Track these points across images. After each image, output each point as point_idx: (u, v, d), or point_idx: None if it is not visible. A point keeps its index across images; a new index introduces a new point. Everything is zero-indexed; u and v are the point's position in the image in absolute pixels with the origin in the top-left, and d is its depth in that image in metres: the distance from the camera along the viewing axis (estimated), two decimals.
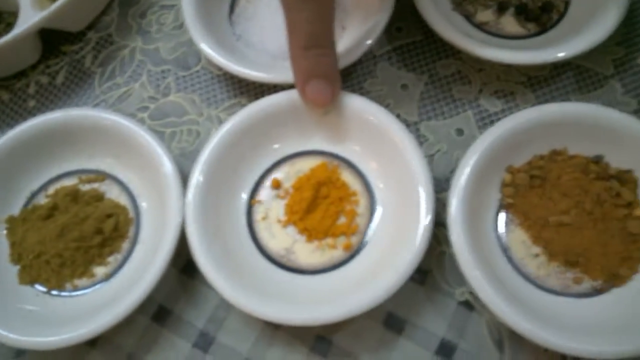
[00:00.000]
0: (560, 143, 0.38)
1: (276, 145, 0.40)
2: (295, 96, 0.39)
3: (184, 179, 0.38)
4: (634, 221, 0.36)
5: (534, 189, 0.37)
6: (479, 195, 0.36)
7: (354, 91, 0.43)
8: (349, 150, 0.40)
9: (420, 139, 0.41)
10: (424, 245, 0.34)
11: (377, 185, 0.39)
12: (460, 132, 0.41)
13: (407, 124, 0.42)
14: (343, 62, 0.40)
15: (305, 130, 0.40)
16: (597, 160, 0.37)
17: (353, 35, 0.42)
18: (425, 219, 0.34)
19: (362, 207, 0.38)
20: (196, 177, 0.37)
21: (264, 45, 0.43)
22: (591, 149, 0.37)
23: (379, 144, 0.38)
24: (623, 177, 0.37)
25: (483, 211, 0.37)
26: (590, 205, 0.36)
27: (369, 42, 0.41)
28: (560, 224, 0.36)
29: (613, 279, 0.35)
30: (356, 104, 0.38)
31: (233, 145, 0.38)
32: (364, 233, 0.38)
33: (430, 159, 0.41)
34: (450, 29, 0.40)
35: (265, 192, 0.39)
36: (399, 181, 0.37)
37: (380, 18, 0.41)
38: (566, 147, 0.38)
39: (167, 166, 0.38)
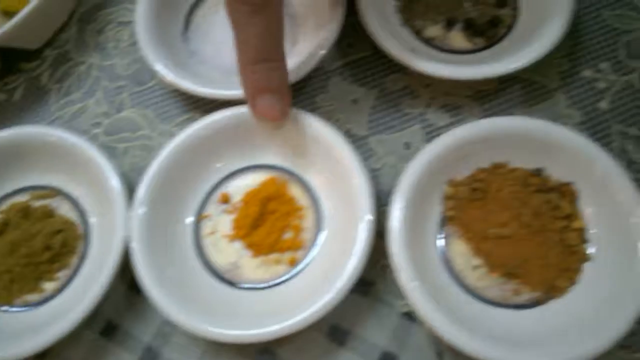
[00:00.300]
0: (501, 156, 0.38)
1: (225, 161, 0.41)
2: (245, 111, 0.39)
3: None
4: (572, 233, 0.36)
5: (474, 202, 0.37)
6: (421, 208, 0.37)
7: (305, 106, 0.44)
8: (298, 165, 0.40)
9: (369, 153, 0.42)
10: (364, 258, 0.34)
11: (324, 200, 0.39)
12: (408, 145, 0.42)
13: (357, 138, 0.42)
14: (294, 77, 0.41)
15: (255, 144, 0.41)
16: (538, 173, 0.38)
17: (304, 50, 0.43)
18: (364, 233, 0.35)
19: (308, 221, 0.39)
20: (141, 193, 0.38)
21: (217, 61, 0.44)
22: (532, 162, 0.38)
23: (324, 159, 0.39)
24: (562, 190, 0.37)
25: (425, 224, 0.38)
26: (528, 217, 0.36)
27: (322, 52, 0.41)
28: (499, 236, 0.36)
29: (551, 290, 0.35)
30: (303, 120, 0.39)
31: (181, 161, 0.39)
32: (310, 248, 0.38)
33: (378, 172, 0.41)
34: (396, 45, 0.41)
35: (213, 207, 0.40)
36: (343, 195, 0.38)
37: (330, 31, 0.42)
38: (508, 160, 0.38)
39: (113, 181, 0.38)
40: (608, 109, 0.41)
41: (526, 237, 0.36)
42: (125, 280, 0.39)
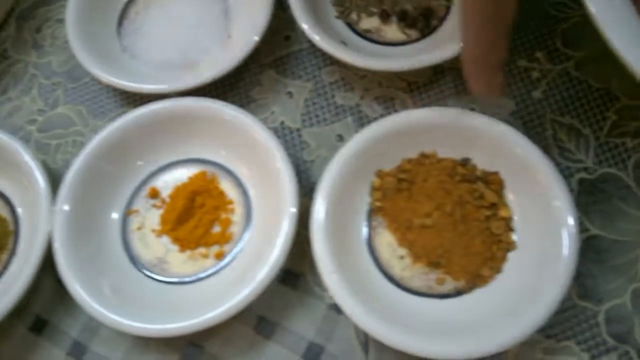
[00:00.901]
0: (429, 146, 0.38)
1: (154, 155, 0.41)
2: (176, 104, 0.39)
3: None
4: (498, 222, 0.36)
5: (401, 193, 0.37)
6: (348, 200, 0.37)
7: (240, 99, 0.44)
8: (228, 159, 0.40)
9: (302, 145, 0.42)
10: (286, 250, 0.35)
11: (253, 193, 0.39)
12: (340, 138, 0.42)
13: (290, 131, 0.42)
14: (228, 68, 0.41)
15: (186, 138, 0.41)
16: (465, 162, 0.38)
17: (237, 42, 0.43)
18: (287, 225, 0.35)
19: (237, 215, 0.39)
20: (64, 190, 0.38)
21: (149, 57, 0.44)
22: (459, 152, 0.38)
23: (252, 153, 0.39)
24: (488, 179, 0.37)
25: (352, 215, 0.37)
26: (451, 207, 0.36)
27: (255, 38, 0.41)
28: (423, 226, 0.36)
29: (475, 280, 0.35)
30: (232, 113, 0.39)
31: (106, 156, 0.39)
32: (237, 241, 0.38)
33: (310, 164, 0.41)
34: (325, 38, 0.41)
35: (142, 202, 0.40)
36: (270, 188, 0.38)
37: (260, 19, 0.42)
38: (435, 150, 0.38)
39: (38, 178, 0.38)
40: (542, 98, 0.41)
41: (449, 226, 0.36)
42: (54, 275, 0.39)
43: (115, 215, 0.39)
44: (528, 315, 0.32)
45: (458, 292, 0.35)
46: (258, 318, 0.37)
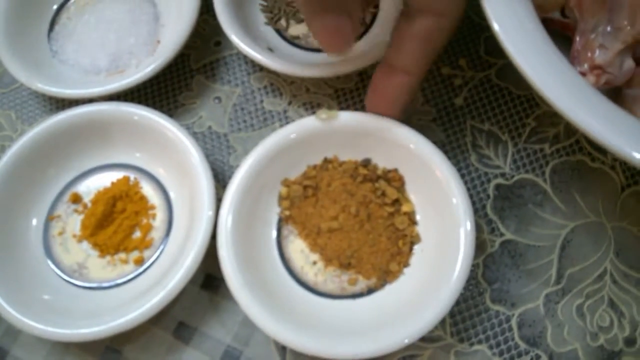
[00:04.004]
0: (331, 151, 0.38)
1: (74, 160, 0.41)
2: (85, 110, 0.39)
3: None
4: (400, 217, 0.37)
5: (308, 199, 0.38)
6: (256, 212, 0.37)
7: (168, 104, 0.44)
8: (150, 164, 0.41)
9: (229, 150, 0.42)
10: (200, 254, 0.35)
11: (174, 198, 0.40)
12: None
13: (218, 136, 0.43)
14: (152, 72, 0.41)
15: (109, 143, 0.41)
16: (366, 163, 0.38)
17: (166, 47, 0.43)
18: (203, 229, 0.35)
19: (158, 220, 0.39)
20: None
21: (78, 61, 0.44)
22: (360, 154, 0.38)
23: (174, 157, 0.39)
24: (389, 177, 0.38)
25: (262, 227, 0.38)
26: (355, 208, 0.37)
27: (180, 42, 0.42)
28: (330, 229, 0.37)
29: (385, 276, 0.36)
30: (152, 118, 0.39)
31: (25, 162, 0.39)
32: (158, 246, 0.38)
33: (237, 169, 0.41)
34: (250, 44, 0.41)
35: (64, 207, 0.40)
36: (190, 192, 0.38)
37: (185, 23, 0.42)
38: (337, 154, 0.39)
39: None
40: (463, 105, 0.42)
41: (355, 227, 0.37)
42: None
43: (35, 221, 0.39)
44: (430, 309, 0.32)
45: (370, 290, 0.36)
46: (178, 323, 0.38)
